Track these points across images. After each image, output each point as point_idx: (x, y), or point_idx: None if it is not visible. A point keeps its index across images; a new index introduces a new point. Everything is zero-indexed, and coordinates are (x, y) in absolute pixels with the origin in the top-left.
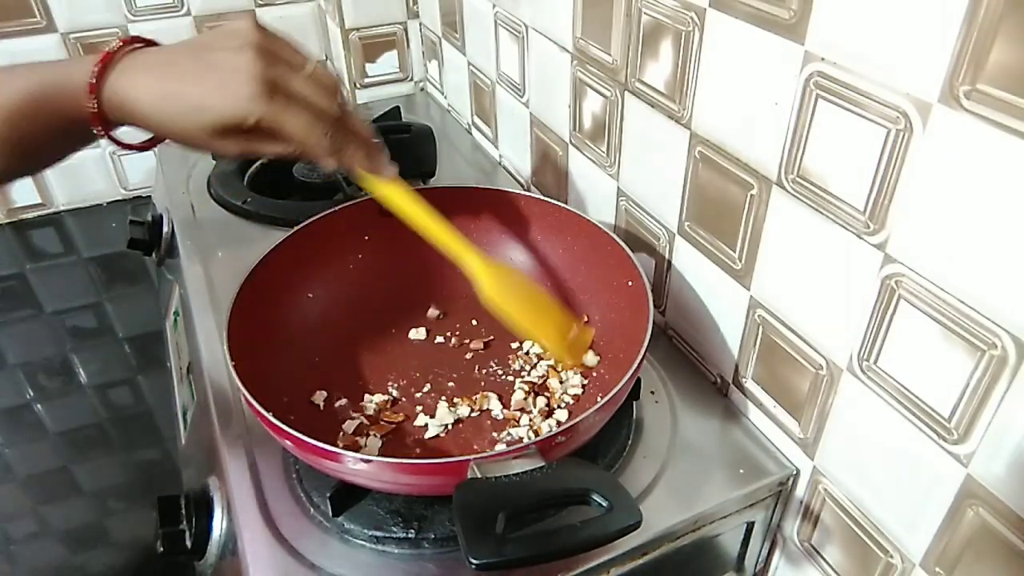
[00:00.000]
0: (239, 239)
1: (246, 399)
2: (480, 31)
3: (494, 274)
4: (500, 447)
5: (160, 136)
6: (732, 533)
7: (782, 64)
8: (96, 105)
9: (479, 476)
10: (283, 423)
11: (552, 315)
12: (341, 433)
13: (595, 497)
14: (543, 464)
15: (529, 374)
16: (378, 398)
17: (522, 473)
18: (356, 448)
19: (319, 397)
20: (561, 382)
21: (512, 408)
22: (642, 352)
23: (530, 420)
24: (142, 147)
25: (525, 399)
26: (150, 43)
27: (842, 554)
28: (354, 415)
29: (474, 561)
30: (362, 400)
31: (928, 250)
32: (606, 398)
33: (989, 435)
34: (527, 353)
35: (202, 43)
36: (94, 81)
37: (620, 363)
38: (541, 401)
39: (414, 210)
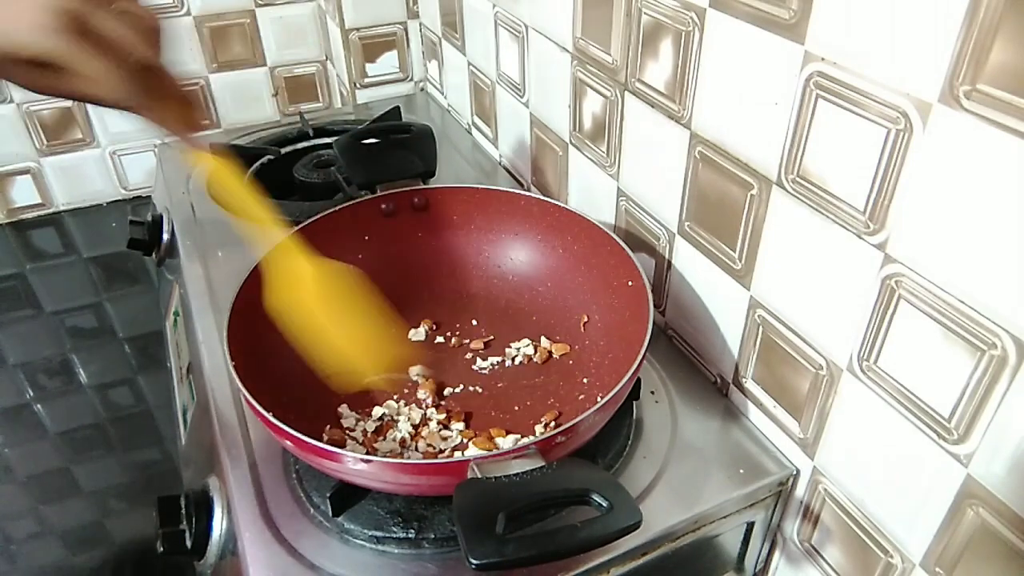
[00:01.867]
0: (239, 239)
1: (246, 399)
2: (480, 31)
3: (317, 271)
4: (505, 442)
5: None
6: (732, 533)
7: (782, 64)
8: None
9: (479, 476)
10: (283, 423)
11: (349, 332)
12: (342, 433)
13: (595, 497)
14: (543, 464)
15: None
16: (378, 398)
17: (522, 473)
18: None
19: (319, 397)
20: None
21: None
22: (642, 352)
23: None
24: None
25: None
26: None
27: (842, 554)
28: (354, 415)
29: (474, 561)
30: (362, 400)
31: (928, 250)
32: (606, 398)
33: (989, 435)
34: (526, 353)
35: None
36: None
37: (620, 363)
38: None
39: (231, 189)
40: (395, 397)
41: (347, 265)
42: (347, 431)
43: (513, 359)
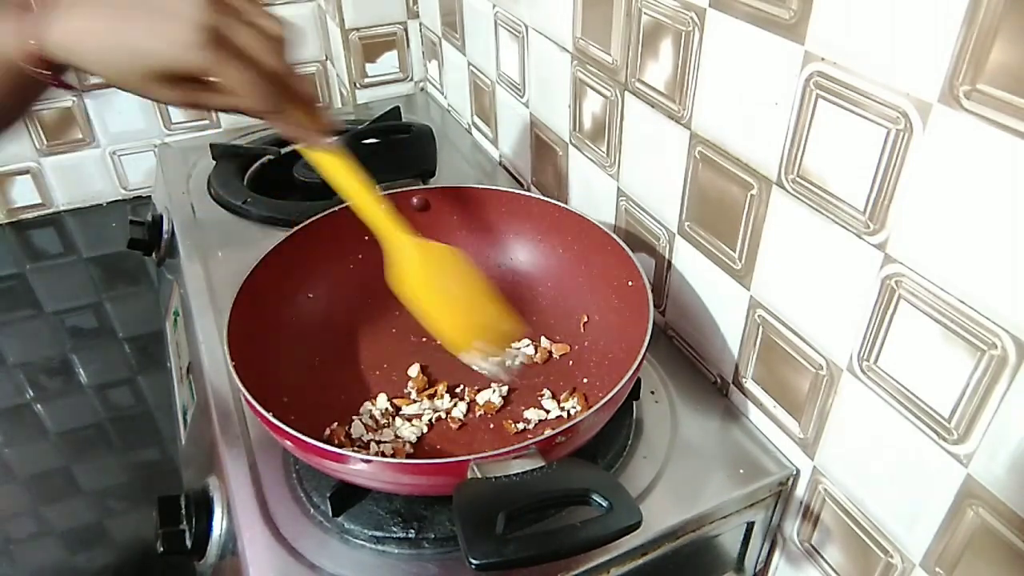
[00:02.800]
0: (239, 239)
1: (246, 399)
2: (480, 31)
3: (423, 254)
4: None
5: (100, 77)
6: (732, 533)
7: (782, 64)
8: (36, 45)
9: (479, 476)
10: (283, 423)
11: (473, 311)
12: (342, 433)
13: (595, 497)
14: (543, 464)
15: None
16: (378, 398)
17: (522, 473)
18: (356, 448)
19: (320, 397)
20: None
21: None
22: (642, 352)
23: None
24: (86, 89)
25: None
26: None
27: (842, 554)
28: (355, 415)
29: (474, 561)
30: (362, 400)
31: (928, 250)
32: (606, 398)
33: (989, 435)
34: (527, 354)
35: None
36: (30, 20)
37: (620, 363)
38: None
39: (348, 182)
40: (396, 397)
41: (453, 247)
42: (350, 426)
43: (513, 359)
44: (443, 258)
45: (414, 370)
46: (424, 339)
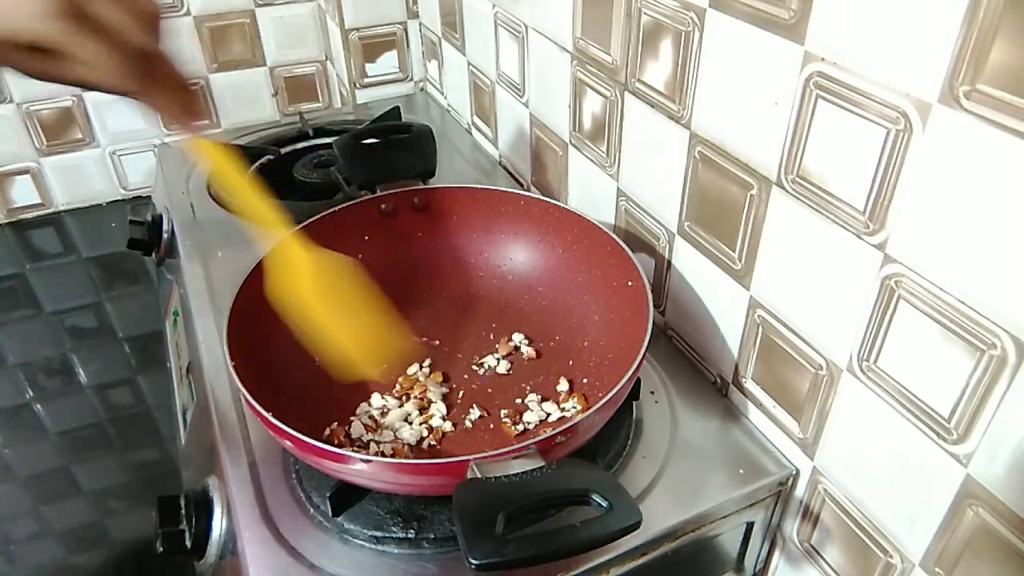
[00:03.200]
0: (239, 239)
1: (246, 399)
2: (480, 31)
3: (314, 261)
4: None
5: None
6: (732, 533)
7: (782, 64)
8: None
9: (479, 476)
10: (283, 423)
11: (348, 324)
12: (342, 433)
13: (595, 497)
14: (543, 464)
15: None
16: (378, 398)
17: (522, 473)
18: (356, 448)
19: (319, 397)
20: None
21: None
22: (642, 352)
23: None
24: None
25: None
26: None
27: (842, 554)
28: (352, 416)
29: (474, 561)
30: (363, 400)
31: (928, 250)
32: (606, 398)
33: (989, 435)
34: (522, 353)
35: None
36: None
37: (620, 363)
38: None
39: (230, 175)
40: (395, 397)
41: (346, 256)
42: (349, 426)
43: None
44: (335, 268)
45: (413, 369)
46: (424, 339)
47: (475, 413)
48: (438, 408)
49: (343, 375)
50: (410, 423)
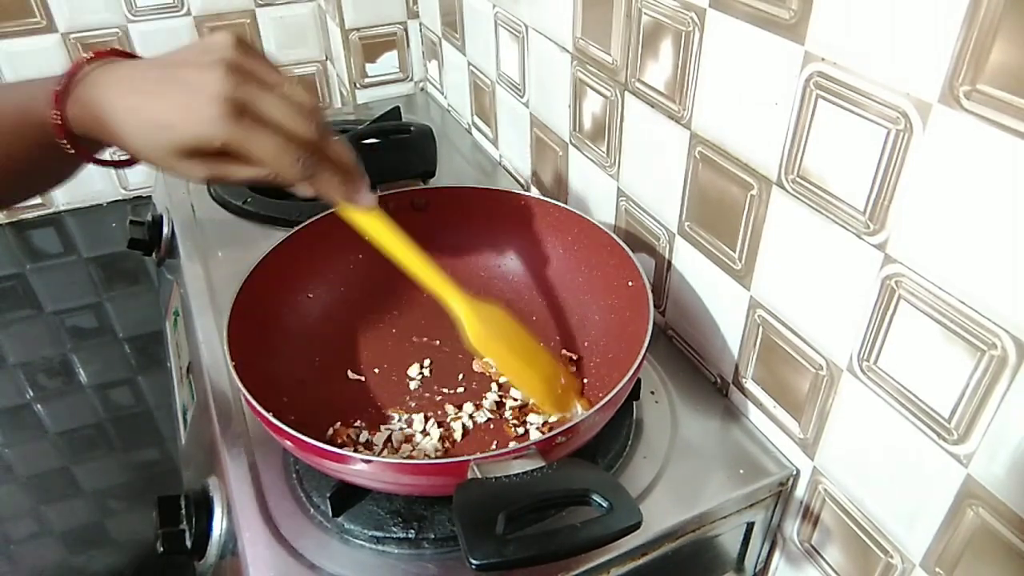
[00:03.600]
0: (239, 239)
1: (246, 399)
2: (480, 31)
3: (480, 315)
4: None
5: (125, 152)
6: (732, 533)
7: (782, 64)
8: (59, 117)
9: (479, 476)
10: (283, 423)
11: (539, 360)
12: (344, 433)
13: (595, 497)
14: (543, 464)
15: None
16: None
17: (522, 473)
18: (357, 448)
19: (320, 397)
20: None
21: (485, 409)
22: (642, 352)
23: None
24: (117, 164)
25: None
26: (127, 55)
27: (842, 554)
28: (355, 416)
29: (474, 562)
30: (363, 399)
31: (928, 250)
32: (606, 398)
33: (989, 435)
34: None
35: (175, 58)
36: (59, 89)
37: (620, 363)
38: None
39: (393, 243)
40: (398, 404)
41: (493, 303)
42: (351, 430)
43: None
44: (497, 315)
45: (414, 370)
46: (424, 339)
47: (477, 413)
48: (440, 408)
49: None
50: (411, 422)
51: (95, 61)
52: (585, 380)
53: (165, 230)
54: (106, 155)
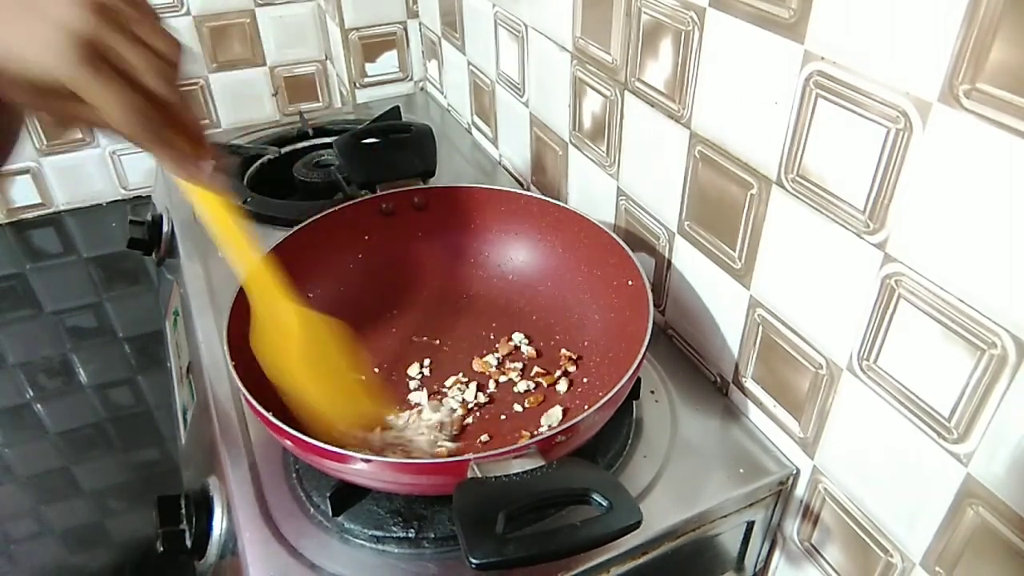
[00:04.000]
0: None
1: (246, 399)
2: (480, 31)
3: (305, 324)
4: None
5: None
6: (732, 532)
7: (782, 64)
8: None
9: (479, 476)
10: (283, 423)
11: (338, 384)
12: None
13: (595, 497)
14: (543, 464)
15: (524, 377)
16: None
17: (522, 473)
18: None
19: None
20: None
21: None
22: (642, 351)
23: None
24: None
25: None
26: None
27: (842, 553)
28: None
29: (474, 561)
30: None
31: (928, 249)
32: (606, 397)
33: (989, 434)
34: (523, 353)
35: None
36: None
37: (620, 362)
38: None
39: (229, 231)
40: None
41: (331, 318)
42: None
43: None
44: (324, 330)
45: (414, 369)
46: (424, 338)
47: (478, 414)
48: (441, 408)
49: (319, 428)
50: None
51: None
52: (585, 379)
53: (165, 230)
54: None
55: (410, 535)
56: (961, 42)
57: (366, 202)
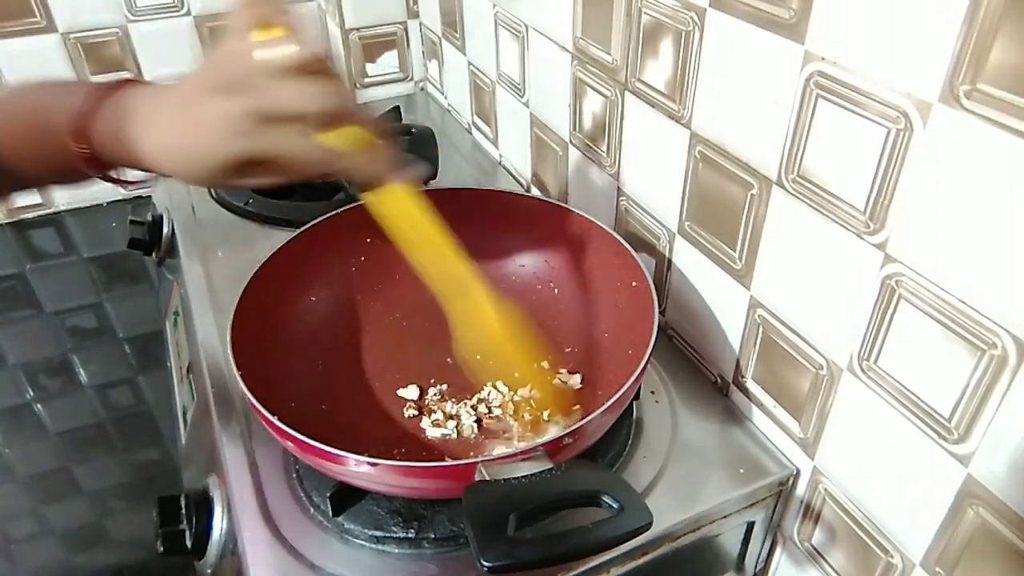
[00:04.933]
0: (240, 239)
1: (249, 401)
2: (480, 31)
3: (499, 309)
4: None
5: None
6: (732, 533)
7: (782, 64)
8: (87, 150)
9: (487, 478)
10: (288, 426)
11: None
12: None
13: (605, 499)
14: (551, 466)
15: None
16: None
17: (531, 475)
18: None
19: (324, 400)
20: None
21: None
22: (647, 353)
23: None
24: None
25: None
26: (135, 81)
27: (842, 554)
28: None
29: (486, 564)
30: (364, 401)
31: (928, 250)
32: (612, 399)
33: (989, 435)
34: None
35: (191, 89)
36: (80, 124)
37: (624, 364)
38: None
39: (421, 226)
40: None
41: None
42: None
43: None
44: (512, 314)
45: (415, 371)
46: (427, 340)
47: (480, 416)
48: (444, 410)
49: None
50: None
51: (111, 93)
52: (590, 381)
53: (165, 230)
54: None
55: (410, 535)
56: (962, 42)
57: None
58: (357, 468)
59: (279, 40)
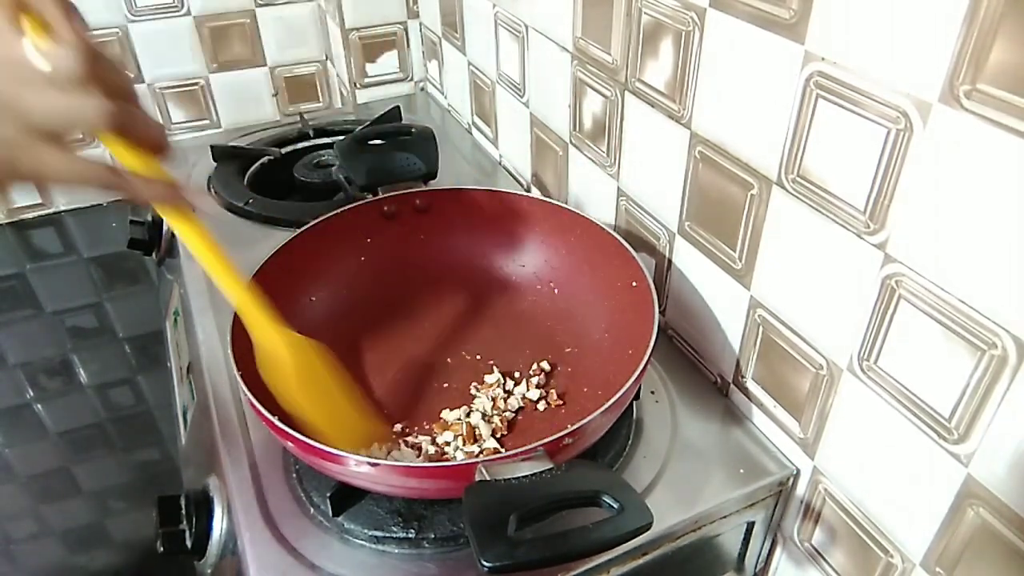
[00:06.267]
0: (240, 239)
1: (250, 402)
2: (480, 31)
3: (293, 348)
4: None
5: None
6: (732, 533)
7: (782, 64)
8: None
9: (487, 479)
10: (288, 426)
11: (338, 404)
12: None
13: (605, 499)
14: (551, 466)
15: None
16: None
17: (531, 475)
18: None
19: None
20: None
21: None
22: (647, 354)
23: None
24: None
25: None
26: None
27: (843, 554)
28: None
29: (486, 564)
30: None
31: (928, 250)
32: (612, 399)
33: (989, 435)
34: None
35: None
36: None
37: (625, 364)
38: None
39: (207, 257)
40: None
41: (314, 341)
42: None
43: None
44: (312, 353)
45: (416, 373)
46: (428, 342)
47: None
48: (443, 412)
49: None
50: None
51: None
52: (590, 381)
53: (165, 230)
54: None
55: (410, 535)
56: (961, 42)
57: (368, 205)
58: (357, 468)
59: (48, 44)
